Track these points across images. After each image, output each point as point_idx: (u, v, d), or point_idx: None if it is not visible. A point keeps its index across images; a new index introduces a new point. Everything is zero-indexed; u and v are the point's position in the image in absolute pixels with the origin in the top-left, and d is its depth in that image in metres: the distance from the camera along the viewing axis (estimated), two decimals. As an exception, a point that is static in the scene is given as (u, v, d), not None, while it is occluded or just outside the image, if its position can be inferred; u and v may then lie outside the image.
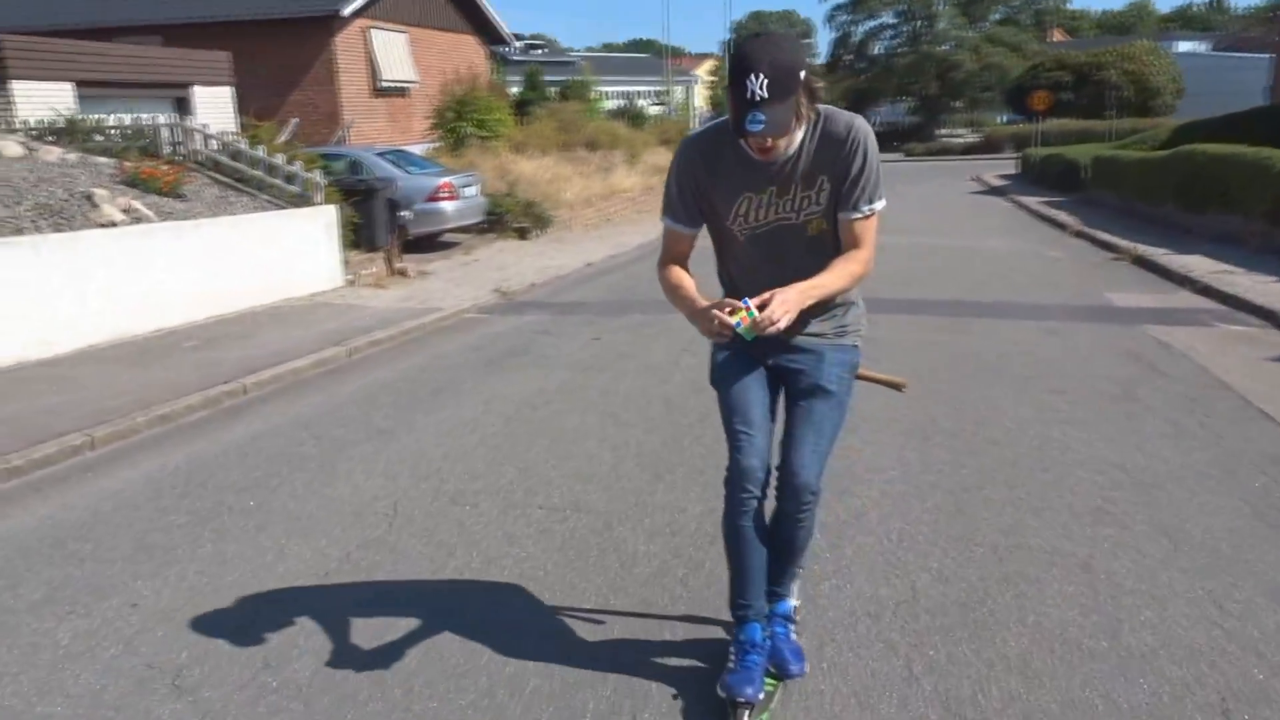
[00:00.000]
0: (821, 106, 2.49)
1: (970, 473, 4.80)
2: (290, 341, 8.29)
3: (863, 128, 2.50)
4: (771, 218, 2.59)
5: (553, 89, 41.34)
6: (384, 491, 4.81)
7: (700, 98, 62.65)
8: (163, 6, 20.89)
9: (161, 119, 11.39)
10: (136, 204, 8.98)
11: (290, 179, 11.09)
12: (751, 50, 2.29)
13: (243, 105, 18.46)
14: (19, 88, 13.05)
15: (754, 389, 2.71)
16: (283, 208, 10.91)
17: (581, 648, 3.25)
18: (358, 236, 12.27)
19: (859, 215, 2.53)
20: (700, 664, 3.09)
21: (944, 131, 49.67)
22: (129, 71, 14.92)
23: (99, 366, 7.38)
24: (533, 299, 10.89)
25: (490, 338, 8.74)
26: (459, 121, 18.78)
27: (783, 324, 2.36)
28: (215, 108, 16.77)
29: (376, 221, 12.08)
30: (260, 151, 11.21)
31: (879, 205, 2.55)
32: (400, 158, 14.98)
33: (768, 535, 2.76)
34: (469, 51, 25.91)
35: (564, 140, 22.94)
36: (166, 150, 11.26)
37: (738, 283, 2.74)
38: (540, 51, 75.24)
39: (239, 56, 19.15)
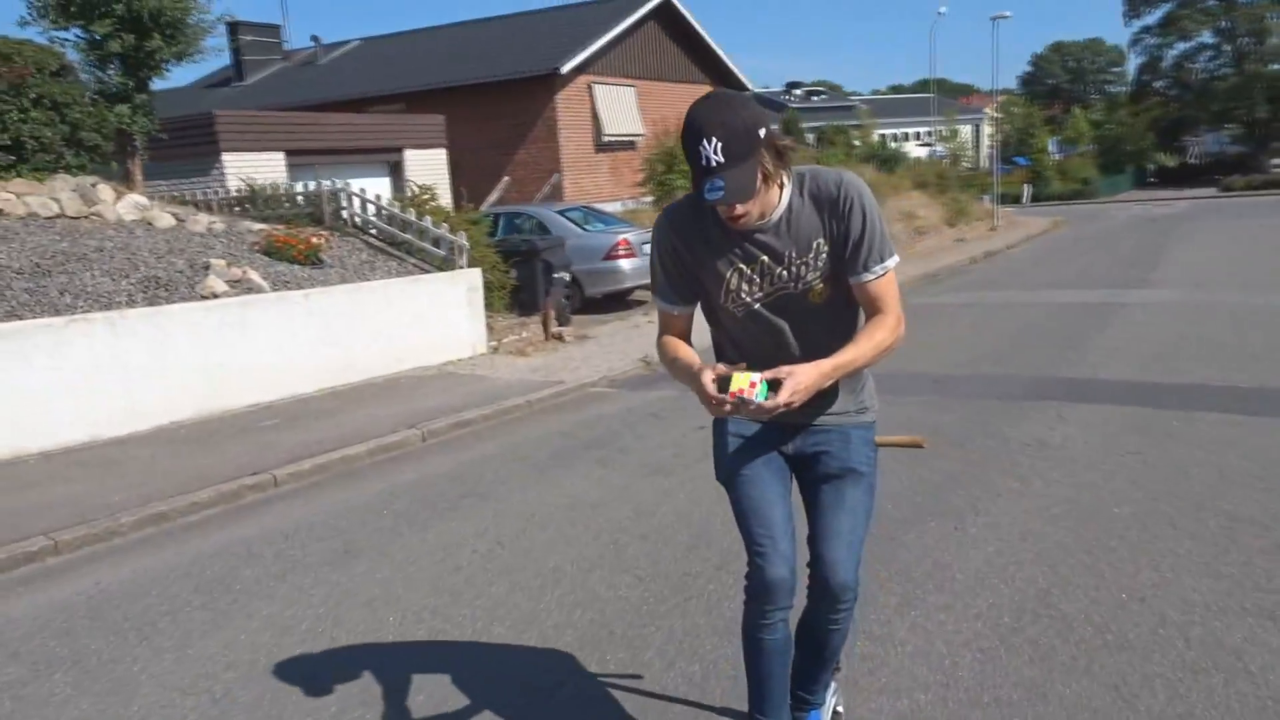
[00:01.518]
0: (806, 167, 2.35)
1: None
2: (373, 420, 7.64)
3: (854, 183, 2.32)
4: (768, 289, 2.36)
5: (810, 135, 40.19)
6: (263, 651, 3.81)
7: (987, 136, 58.73)
8: (404, 78, 21.93)
9: (325, 184, 11.37)
10: (252, 274, 8.77)
11: (437, 242, 10.65)
12: (700, 114, 2.12)
13: (468, 164, 18.81)
14: (229, 159, 13.73)
15: (771, 485, 2.45)
16: (428, 272, 10.48)
17: None
18: (515, 299, 11.68)
19: (872, 277, 2.31)
20: None
21: (1277, 162, 43.17)
22: (340, 139, 15.42)
23: (153, 449, 7.03)
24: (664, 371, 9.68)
25: (588, 422, 7.64)
26: (668, 174, 18.03)
27: (791, 402, 2.14)
28: (428, 169, 17.07)
29: (536, 284, 11.40)
30: (411, 214, 10.88)
31: (891, 263, 2.33)
32: (587, 215, 14.38)
33: (794, 641, 2.53)
34: (705, 101, 25.26)
35: (793, 189, 21.59)
36: (329, 216, 11.21)
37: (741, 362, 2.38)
38: (820, 98, 74.36)
39: (470, 118, 19.63)
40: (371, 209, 11.11)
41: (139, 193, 11.28)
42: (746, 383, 2.12)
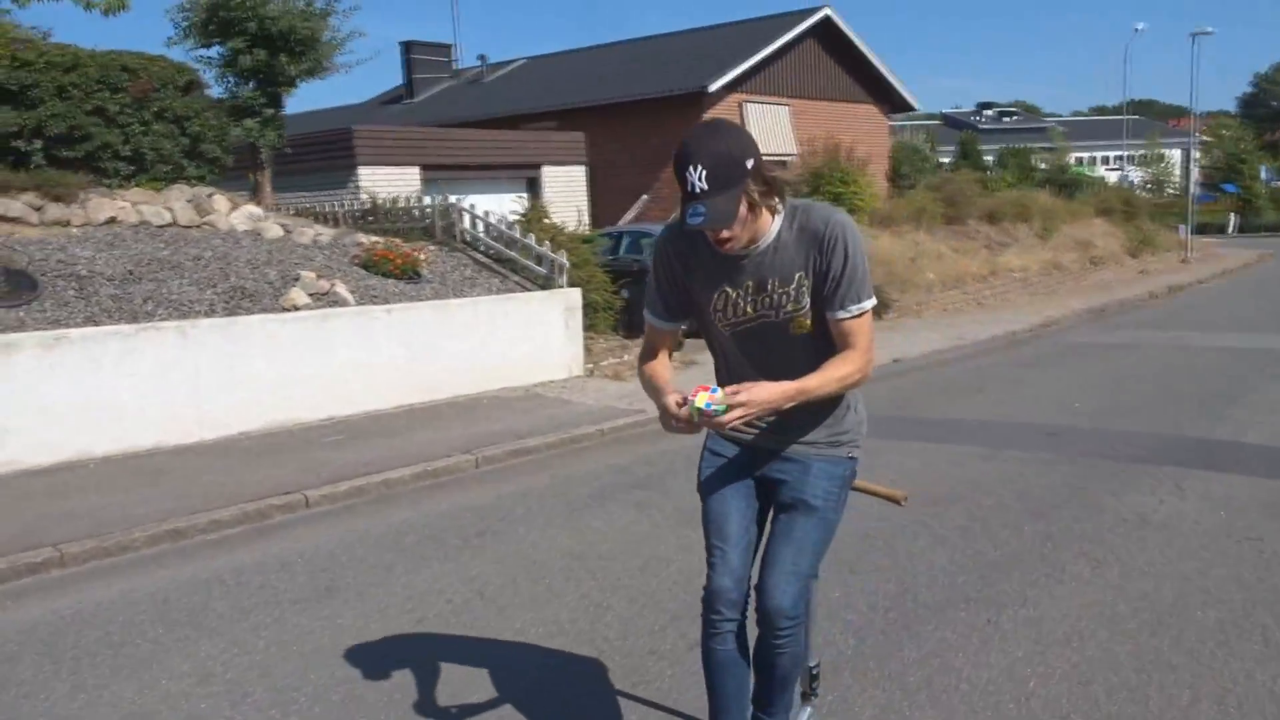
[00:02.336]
0: (801, 201, 2.41)
1: None
2: (434, 442, 7.43)
3: (842, 222, 2.36)
4: (752, 314, 2.43)
5: (990, 157, 38.23)
6: (170, 703, 3.54)
7: (1197, 161, 54.23)
8: (557, 96, 22.09)
9: (438, 199, 11.39)
10: (339, 287, 8.77)
11: (540, 260, 10.43)
12: (690, 141, 2.21)
13: (614, 182, 18.70)
14: (365, 173, 14.06)
15: (734, 501, 2.55)
16: (529, 290, 10.28)
17: None
18: (623, 321, 11.33)
19: (846, 315, 2.35)
20: None
21: None
22: (476, 155, 15.56)
23: (210, 459, 7.04)
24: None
25: (651, 457, 7.16)
26: (813, 195, 17.27)
27: (733, 419, 2.22)
28: (566, 186, 17.04)
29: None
30: (516, 231, 10.71)
31: (868, 304, 2.37)
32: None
33: (746, 659, 2.55)
34: (864, 120, 24.30)
35: (951, 214, 20.37)
36: (441, 231, 11.21)
37: (732, 382, 2.39)
38: (1012, 119, 71.02)
39: (617, 136, 19.55)
40: (480, 225, 11.01)
41: (267, 204, 11.65)
42: (705, 397, 2.20)
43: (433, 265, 10.30)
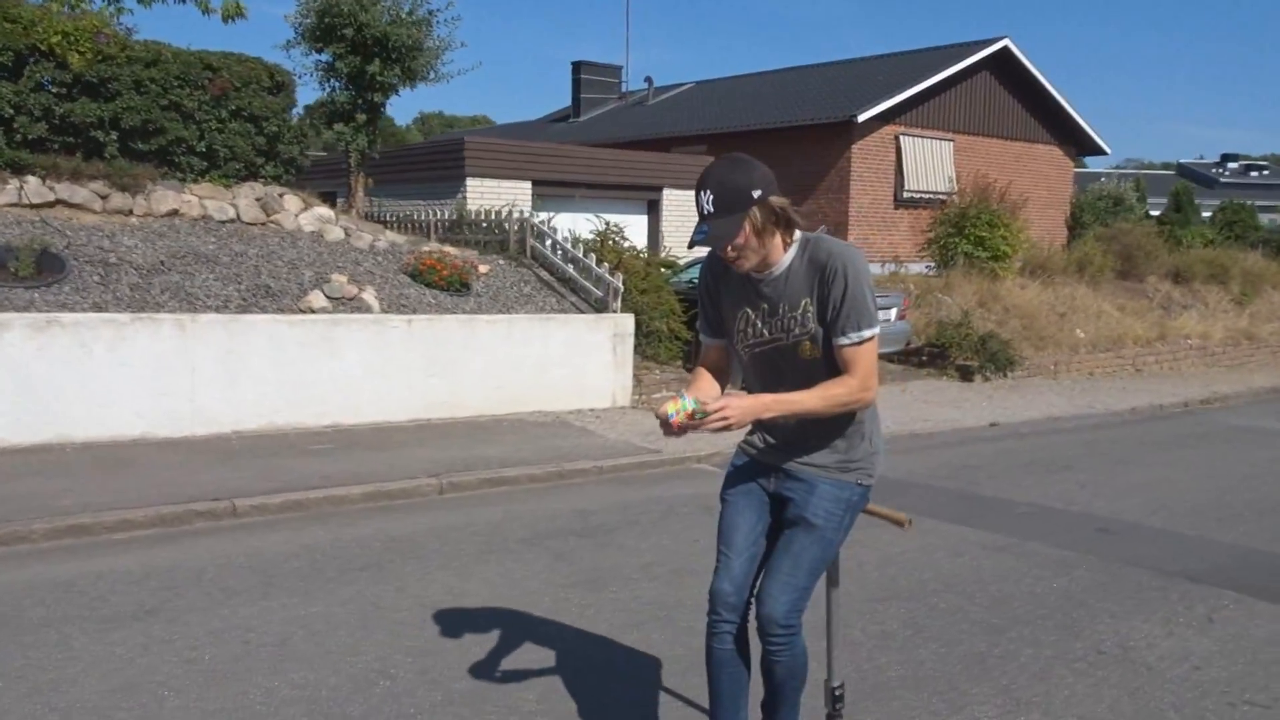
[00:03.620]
0: (815, 234, 2.56)
1: None
2: (423, 461, 7.05)
3: (845, 255, 2.50)
4: (766, 337, 2.61)
5: (1208, 213, 34.88)
6: None
7: None
8: (712, 120, 21.62)
9: (515, 213, 11.10)
10: (366, 293, 8.57)
11: (598, 282, 9.92)
12: (708, 170, 2.47)
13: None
14: (473, 184, 14.02)
15: (745, 511, 2.71)
16: (584, 312, 9.80)
17: None
18: (688, 353, 10.64)
19: (846, 342, 2.51)
20: None
21: None
22: (593, 173, 15.27)
23: (182, 456, 6.90)
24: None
25: (627, 504, 6.48)
26: (954, 238, 15.91)
27: (710, 424, 2.40)
28: (688, 211, 16.48)
29: (710, 339, 10.28)
30: (579, 250, 10.25)
31: (868, 333, 2.50)
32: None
33: (744, 661, 2.70)
34: (1043, 162, 22.46)
35: (1126, 268, 18.38)
36: (514, 245, 10.92)
37: None
38: (1261, 174, 64.94)
39: (766, 163, 18.83)
40: (548, 241, 10.63)
41: (358, 209, 11.73)
42: (672, 406, 2.40)
43: (491, 279, 9.99)
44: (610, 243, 10.90)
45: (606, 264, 9.97)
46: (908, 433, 9.22)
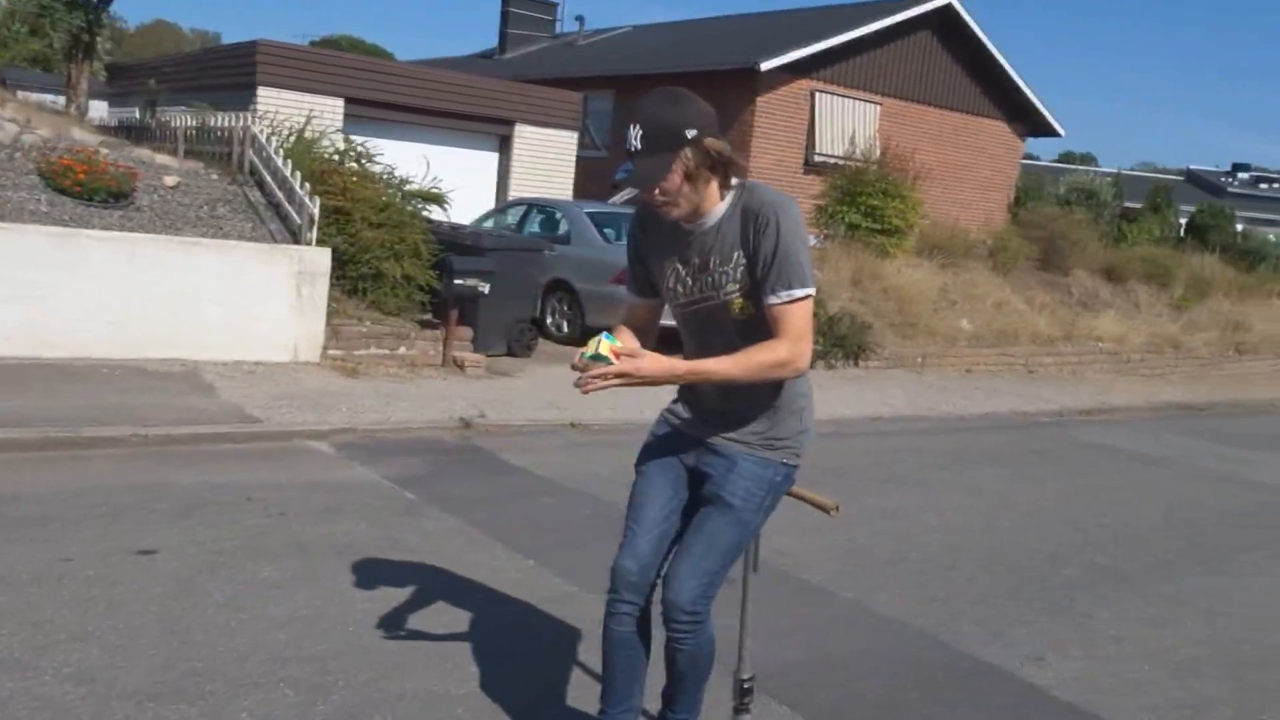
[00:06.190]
0: (753, 181, 2.34)
1: None
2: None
3: (779, 205, 2.28)
4: (696, 294, 2.39)
5: (1184, 217, 32.82)
6: None
7: None
8: (625, 64, 19.63)
9: (230, 119, 9.19)
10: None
11: (302, 209, 8.00)
12: (640, 103, 2.26)
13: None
14: (266, 94, 12.10)
15: (659, 485, 2.51)
16: (276, 243, 7.91)
17: None
18: (430, 307, 8.76)
19: (776, 301, 2.27)
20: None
21: None
22: (427, 97, 13.28)
23: None
24: (479, 444, 6.33)
25: (107, 489, 4.64)
26: (842, 206, 13.93)
27: (608, 375, 2.14)
28: (548, 151, 14.56)
29: (452, 288, 8.37)
30: (288, 167, 8.32)
31: (799, 292, 2.26)
32: (625, 221, 11.08)
33: (644, 644, 2.50)
34: (988, 139, 20.41)
35: (1047, 259, 16.44)
36: (236, 159, 9.01)
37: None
38: (1272, 186, 62.70)
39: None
40: (264, 156, 8.69)
41: (79, 103, 9.82)
42: (596, 346, 2.14)
43: (176, 194, 8.11)
44: (352, 164, 8.98)
45: (308, 186, 8.02)
46: (628, 422, 7.36)
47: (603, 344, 2.14)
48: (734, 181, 2.30)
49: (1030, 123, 21.16)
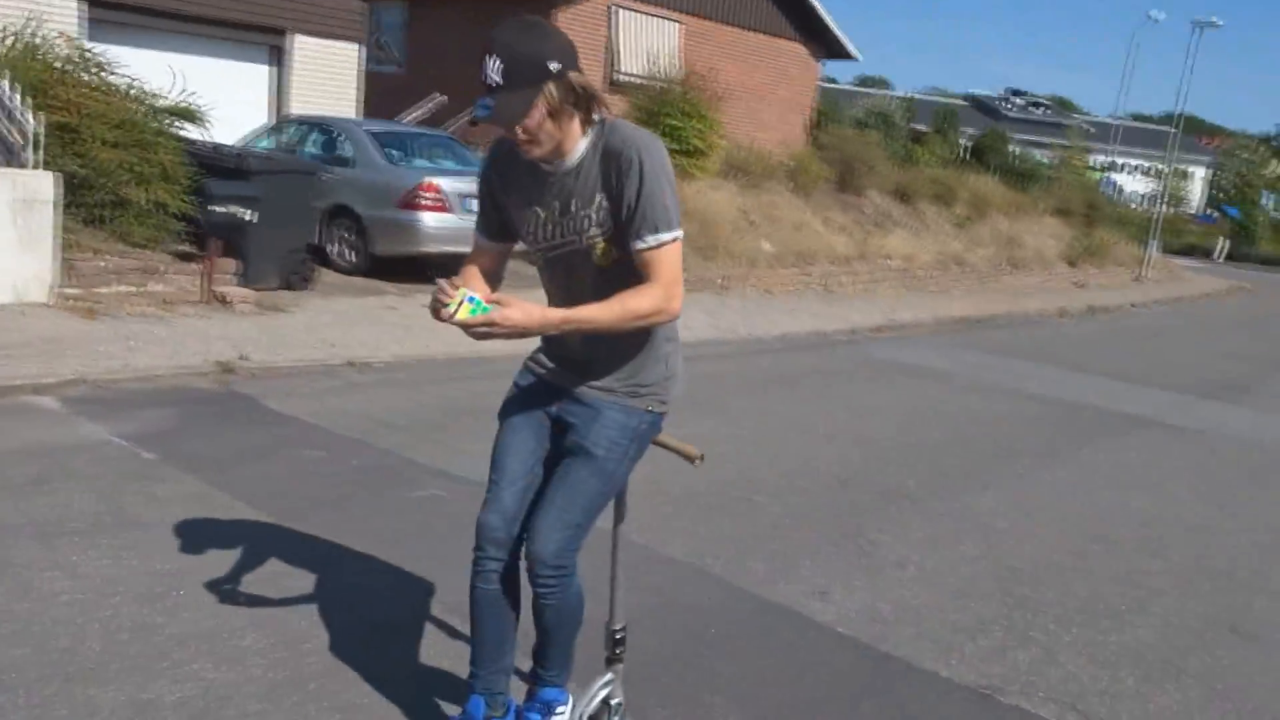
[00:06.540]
0: (614, 119, 2.21)
1: None
2: None
3: (643, 144, 2.16)
4: (558, 239, 2.27)
5: (965, 139, 34.35)
6: None
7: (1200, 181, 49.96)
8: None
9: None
10: None
11: (21, 128, 6.94)
12: (495, 34, 2.08)
13: (451, 82, 14.94)
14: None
15: (521, 437, 2.39)
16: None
17: None
18: (184, 236, 7.89)
19: (643, 246, 2.16)
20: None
21: None
22: (180, 1, 11.89)
23: None
24: (240, 390, 5.71)
25: None
26: (649, 124, 13.70)
27: (475, 325, 2.02)
28: (329, 66, 13.44)
29: (212, 216, 7.53)
30: (4, 78, 7.19)
31: (667, 236, 2.16)
32: (414, 142, 10.43)
33: (513, 603, 2.40)
34: (787, 59, 20.54)
35: (844, 180, 16.79)
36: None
37: None
38: (1042, 111, 66.64)
39: (463, 29, 15.80)
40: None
41: None
42: (462, 296, 2.01)
43: None
44: (85, 74, 7.89)
45: (30, 100, 6.96)
46: (415, 358, 6.90)
47: (464, 306, 1.99)
48: (595, 118, 2.16)
49: (827, 45, 21.41)
